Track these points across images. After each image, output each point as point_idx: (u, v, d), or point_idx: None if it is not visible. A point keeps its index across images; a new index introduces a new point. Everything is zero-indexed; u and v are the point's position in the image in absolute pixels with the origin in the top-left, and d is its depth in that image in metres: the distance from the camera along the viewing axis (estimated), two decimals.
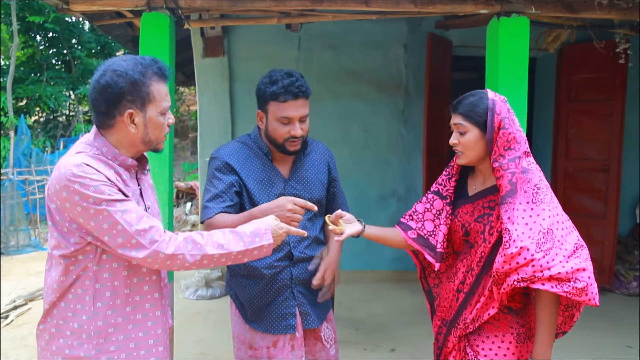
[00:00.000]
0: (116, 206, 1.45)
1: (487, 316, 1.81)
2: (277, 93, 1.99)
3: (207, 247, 1.54)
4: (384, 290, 5.29)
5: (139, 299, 1.59)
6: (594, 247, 5.13)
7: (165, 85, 1.60)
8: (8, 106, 11.15)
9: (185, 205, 9.53)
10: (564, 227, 1.75)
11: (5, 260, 7.19)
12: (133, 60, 1.55)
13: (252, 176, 2.09)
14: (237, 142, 2.19)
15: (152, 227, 1.49)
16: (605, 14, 3.15)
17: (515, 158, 1.75)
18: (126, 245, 1.46)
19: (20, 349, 4.03)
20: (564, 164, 5.50)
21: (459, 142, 1.84)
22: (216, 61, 5.44)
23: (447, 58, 5.38)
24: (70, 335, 1.52)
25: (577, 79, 5.38)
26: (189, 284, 5.25)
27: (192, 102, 14.47)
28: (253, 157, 2.12)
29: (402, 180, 5.69)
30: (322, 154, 2.25)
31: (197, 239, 1.54)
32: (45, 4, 10.95)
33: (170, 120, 1.63)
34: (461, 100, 1.86)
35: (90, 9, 3.16)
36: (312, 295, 2.14)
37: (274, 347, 2.09)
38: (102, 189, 1.44)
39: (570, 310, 1.81)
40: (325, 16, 3.40)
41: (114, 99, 1.51)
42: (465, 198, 1.93)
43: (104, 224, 1.44)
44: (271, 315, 2.09)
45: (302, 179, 2.15)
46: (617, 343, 4.01)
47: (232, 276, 2.18)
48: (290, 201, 1.85)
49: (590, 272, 1.69)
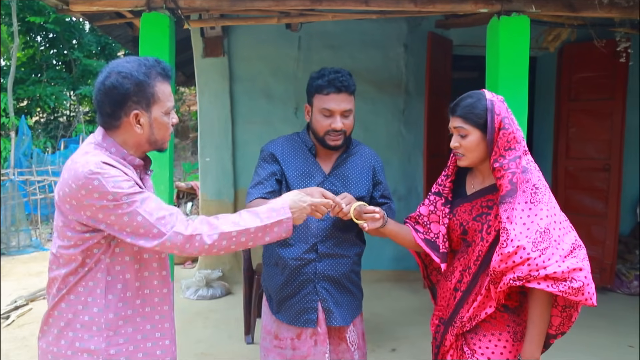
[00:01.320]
0: (135, 198, 1.47)
1: (484, 315, 1.81)
2: (322, 86, 2.06)
3: (223, 226, 1.55)
4: (384, 290, 5.29)
5: (148, 292, 1.61)
6: (595, 247, 5.13)
7: (168, 85, 1.62)
8: (9, 107, 11.16)
9: (185, 206, 9.53)
10: (562, 227, 1.75)
11: (6, 260, 7.19)
12: (137, 61, 1.57)
13: (293, 168, 2.15)
14: (284, 137, 2.25)
15: (172, 214, 1.52)
16: (605, 13, 3.15)
17: (515, 158, 1.75)
18: (148, 235, 1.48)
19: (22, 349, 4.03)
20: (564, 164, 5.50)
21: (460, 145, 1.84)
22: (216, 61, 5.44)
23: (447, 57, 5.38)
24: (80, 328, 1.53)
25: (577, 78, 5.38)
26: (189, 284, 5.25)
27: (192, 102, 14.47)
28: (297, 150, 2.18)
29: (402, 180, 5.68)
30: (368, 157, 2.26)
31: (211, 220, 1.56)
32: (45, 5, 10.92)
33: (174, 120, 1.65)
34: (459, 102, 1.84)
35: (90, 10, 3.16)
36: (338, 294, 2.14)
37: (298, 339, 2.12)
38: (120, 184, 1.46)
39: (568, 311, 1.80)
40: (325, 16, 3.40)
41: (119, 100, 1.52)
42: (463, 197, 1.94)
43: (125, 217, 1.46)
44: (294, 307, 2.11)
45: (343, 177, 2.17)
46: (618, 342, 4.00)
47: (264, 266, 2.25)
48: (319, 192, 1.85)
49: (587, 272, 1.69)
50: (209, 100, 5.52)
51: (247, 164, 5.54)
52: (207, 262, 5.64)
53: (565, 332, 1.87)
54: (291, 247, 2.10)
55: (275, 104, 5.52)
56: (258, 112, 5.52)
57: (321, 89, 2.06)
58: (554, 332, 1.85)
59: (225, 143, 5.52)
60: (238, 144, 5.57)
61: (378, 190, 2.26)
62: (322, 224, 2.09)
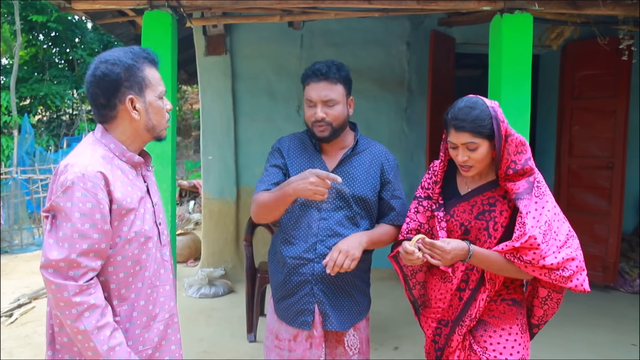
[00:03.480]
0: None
1: (482, 302, 1.83)
2: (305, 76, 2.10)
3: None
4: (387, 289, 5.28)
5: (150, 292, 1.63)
6: (598, 245, 5.11)
7: (156, 71, 1.63)
8: (12, 105, 11.18)
9: (188, 204, 9.55)
10: (559, 218, 1.80)
11: (9, 258, 7.22)
12: (122, 49, 1.59)
13: (296, 163, 2.14)
14: (294, 134, 2.26)
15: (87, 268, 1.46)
16: (609, 10, 3.14)
17: (527, 160, 1.78)
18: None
19: (24, 347, 4.04)
20: (567, 162, 5.48)
21: (469, 159, 1.80)
22: (218, 59, 5.44)
23: (450, 55, 5.36)
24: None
25: (580, 76, 5.36)
26: (192, 282, 5.26)
27: (194, 100, 14.48)
28: (304, 147, 2.18)
29: (405, 178, 5.64)
30: (378, 154, 2.18)
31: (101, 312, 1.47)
32: (48, 3, 10.97)
33: (168, 106, 1.65)
34: (463, 117, 1.76)
35: (92, 8, 3.16)
36: (336, 297, 2.08)
37: (294, 340, 2.08)
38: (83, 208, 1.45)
39: (550, 303, 1.87)
40: (328, 14, 3.39)
41: (112, 88, 1.53)
42: (458, 197, 1.92)
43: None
44: (292, 307, 2.08)
45: (347, 174, 2.11)
46: (621, 341, 3.99)
47: (269, 263, 2.24)
48: (313, 173, 1.85)
49: (579, 261, 1.75)
50: (211, 98, 5.52)
51: (249, 162, 5.54)
52: (209, 260, 5.64)
53: (548, 320, 1.95)
54: (292, 246, 2.08)
55: (277, 102, 5.52)
56: (260, 110, 5.51)
57: (305, 79, 2.10)
58: (537, 322, 1.91)
59: (228, 141, 5.52)
60: (240, 142, 5.57)
61: (387, 190, 2.16)
62: (323, 222, 2.05)
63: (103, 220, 1.47)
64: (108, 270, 1.52)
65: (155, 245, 1.64)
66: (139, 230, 1.56)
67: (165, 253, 1.71)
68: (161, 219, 1.70)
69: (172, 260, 1.78)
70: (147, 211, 1.61)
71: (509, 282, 1.86)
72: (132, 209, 1.54)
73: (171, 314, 1.69)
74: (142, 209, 1.59)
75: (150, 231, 1.61)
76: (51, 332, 1.57)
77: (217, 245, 5.61)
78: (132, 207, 1.54)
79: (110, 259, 1.52)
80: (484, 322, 1.87)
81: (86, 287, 1.44)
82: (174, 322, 1.71)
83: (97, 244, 1.46)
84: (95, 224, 1.45)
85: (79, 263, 1.43)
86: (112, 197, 1.49)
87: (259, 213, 2.09)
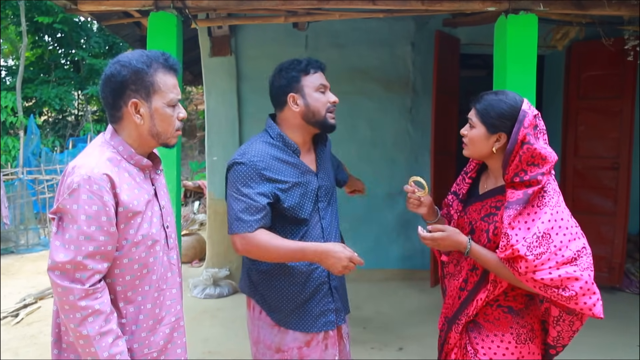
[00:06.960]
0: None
1: (480, 301, 1.82)
2: (308, 66, 2.04)
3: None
4: (392, 289, 5.28)
5: (157, 295, 1.63)
6: (604, 246, 5.10)
7: (173, 77, 1.60)
8: (17, 106, 11.23)
9: (193, 204, 9.57)
10: (568, 232, 1.69)
11: (15, 259, 7.25)
12: (140, 52, 1.58)
13: (287, 178, 1.97)
14: (259, 144, 2.02)
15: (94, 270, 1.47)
16: (614, 11, 3.13)
17: (537, 174, 1.72)
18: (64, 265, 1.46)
19: (30, 347, 4.06)
20: (573, 162, 5.47)
21: (466, 135, 1.86)
22: (223, 60, 5.45)
23: (455, 56, 5.36)
24: None
25: (586, 76, 5.34)
26: (197, 283, 5.27)
27: (199, 101, 14.51)
28: (283, 156, 2.00)
29: (409, 179, 5.66)
30: (324, 140, 2.23)
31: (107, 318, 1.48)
32: (53, 4, 11.01)
33: (181, 115, 1.63)
34: (485, 96, 1.84)
35: (98, 9, 3.18)
36: (341, 290, 2.13)
37: (307, 346, 2.02)
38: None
39: (562, 324, 1.79)
40: (332, 14, 3.40)
41: (117, 89, 1.54)
42: (476, 196, 1.94)
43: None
44: (310, 312, 2.02)
45: (325, 169, 2.13)
46: (627, 342, 3.98)
47: (265, 280, 2.06)
48: (348, 258, 1.82)
49: (585, 283, 1.64)
50: (216, 99, 5.53)
51: None
52: (214, 260, 5.65)
53: (566, 344, 1.87)
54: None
55: None
56: (265, 111, 5.40)
57: (308, 69, 2.03)
58: (553, 343, 1.86)
59: (233, 142, 5.52)
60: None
61: (341, 167, 2.30)
62: (325, 222, 2.07)
63: (109, 222, 1.47)
64: (114, 272, 1.52)
65: (162, 249, 1.64)
66: (146, 233, 1.56)
67: (172, 256, 1.71)
68: (169, 222, 1.70)
69: (179, 264, 1.78)
70: (154, 214, 1.61)
71: (509, 290, 1.83)
72: (139, 212, 1.54)
73: (177, 317, 1.69)
74: (149, 212, 1.59)
75: (157, 234, 1.61)
76: (57, 330, 1.58)
77: (222, 245, 5.62)
78: (139, 210, 1.54)
79: (117, 261, 1.52)
80: (479, 325, 1.87)
81: (92, 292, 1.44)
82: (180, 326, 1.70)
83: (103, 246, 1.46)
84: (101, 227, 1.46)
85: (85, 265, 1.44)
86: (118, 199, 1.50)
87: (252, 254, 1.95)
